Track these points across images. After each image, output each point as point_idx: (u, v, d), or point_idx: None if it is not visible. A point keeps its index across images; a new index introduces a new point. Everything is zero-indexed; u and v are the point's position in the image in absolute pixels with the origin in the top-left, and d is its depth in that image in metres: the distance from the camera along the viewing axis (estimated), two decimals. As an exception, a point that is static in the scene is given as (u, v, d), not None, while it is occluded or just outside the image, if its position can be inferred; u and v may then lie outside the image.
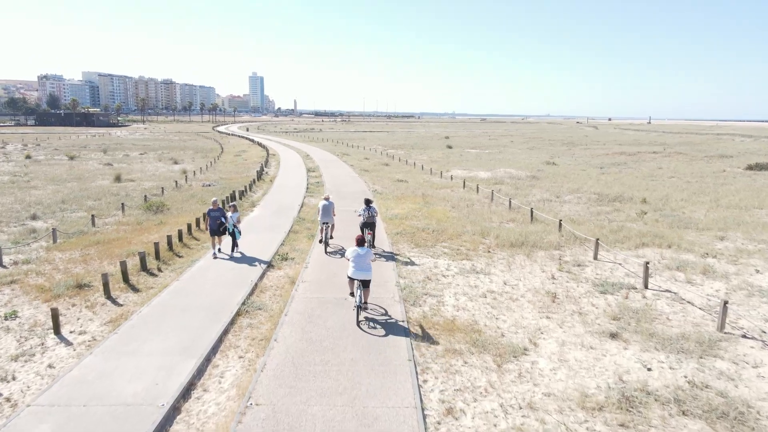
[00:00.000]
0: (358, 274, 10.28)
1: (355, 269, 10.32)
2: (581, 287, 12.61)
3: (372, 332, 9.67)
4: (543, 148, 70.42)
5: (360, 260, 10.34)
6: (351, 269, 10.39)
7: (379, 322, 10.16)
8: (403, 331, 9.73)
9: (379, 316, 10.43)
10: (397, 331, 9.76)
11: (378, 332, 9.66)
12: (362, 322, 10.11)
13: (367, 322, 10.12)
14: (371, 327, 9.92)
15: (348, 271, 10.54)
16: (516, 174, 38.02)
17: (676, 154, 57.67)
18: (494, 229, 18.72)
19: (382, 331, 9.69)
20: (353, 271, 10.33)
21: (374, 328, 9.84)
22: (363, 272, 10.29)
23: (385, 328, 9.84)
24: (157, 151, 60.04)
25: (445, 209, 22.86)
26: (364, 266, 10.31)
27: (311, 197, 26.62)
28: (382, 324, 10.06)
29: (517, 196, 27.24)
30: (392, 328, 9.89)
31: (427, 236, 17.58)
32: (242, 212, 22.06)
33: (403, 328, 9.88)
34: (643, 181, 34.91)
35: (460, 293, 12.10)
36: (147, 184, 32.61)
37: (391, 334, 9.61)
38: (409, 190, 29.25)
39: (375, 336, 9.50)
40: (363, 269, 10.30)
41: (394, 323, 10.11)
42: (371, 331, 9.74)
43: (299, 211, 22.45)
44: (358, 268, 10.31)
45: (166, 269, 13.78)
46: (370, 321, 10.20)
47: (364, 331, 9.71)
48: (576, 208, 24.27)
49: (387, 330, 9.77)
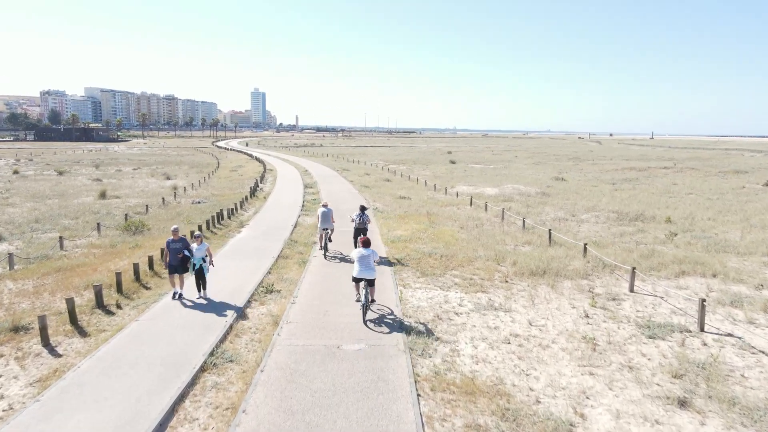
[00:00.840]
0: (363, 274, 10.72)
1: (360, 269, 10.75)
2: (623, 329, 10.45)
3: (372, 397, 7.51)
4: (549, 163, 68.53)
5: (365, 261, 10.79)
6: (356, 270, 10.80)
7: (381, 383, 8.00)
8: (410, 399, 7.55)
9: (380, 376, 8.26)
10: (403, 396, 7.59)
11: (379, 399, 7.49)
12: (369, 321, 10.50)
13: (367, 383, 7.96)
14: (370, 389, 7.76)
15: (353, 271, 10.91)
16: (525, 190, 35.98)
17: (687, 169, 55.66)
18: (509, 253, 16.61)
19: (384, 398, 7.53)
20: (359, 271, 10.75)
21: (374, 393, 7.68)
22: (368, 272, 10.73)
23: (387, 394, 7.67)
24: (151, 167, 58.22)
25: (453, 230, 20.75)
26: (368, 266, 10.76)
27: (306, 216, 24.55)
28: (385, 387, 7.89)
29: (530, 214, 25.16)
30: (396, 391, 7.72)
31: (435, 263, 15.44)
32: (229, 233, 19.97)
33: (409, 393, 7.71)
34: (661, 197, 32.85)
35: (478, 338, 9.94)
36: (133, 200, 30.63)
37: (394, 401, 7.44)
38: (413, 207, 27.19)
39: (375, 403, 7.34)
40: (368, 269, 10.75)
41: (399, 385, 7.95)
42: (370, 396, 7.58)
43: (292, 231, 20.34)
44: (363, 268, 10.76)
45: (128, 305, 11.64)
46: (369, 381, 8.04)
47: (361, 392, 7.56)
48: (595, 228, 22.17)
49: (390, 396, 7.61)
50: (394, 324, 10.43)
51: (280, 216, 23.95)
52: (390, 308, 11.41)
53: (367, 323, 10.41)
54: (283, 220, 22.66)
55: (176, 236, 11.93)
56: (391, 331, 10.07)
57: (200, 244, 11.94)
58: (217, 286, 12.75)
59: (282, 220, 22.88)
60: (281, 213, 24.81)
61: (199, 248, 11.83)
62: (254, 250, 16.92)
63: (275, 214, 24.63)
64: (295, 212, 25.08)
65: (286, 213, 24.79)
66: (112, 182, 41.73)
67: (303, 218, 23.75)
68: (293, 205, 27.54)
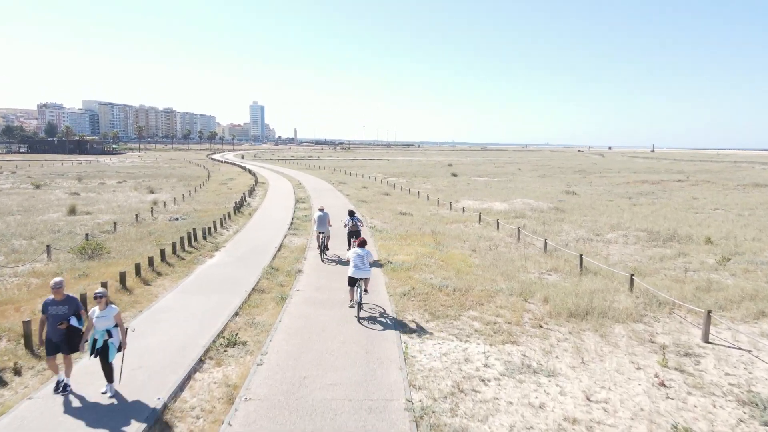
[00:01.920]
0: (358, 273, 10.91)
1: (355, 269, 10.93)
2: (721, 408, 7.41)
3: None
4: (555, 176, 65.77)
5: (360, 260, 10.95)
6: (351, 269, 10.98)
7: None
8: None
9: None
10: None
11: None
12: (362, 319, 10.53)
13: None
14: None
15: (348, 271, 11.09)
16: (536, 205, 33.03)
17: (702, 182, 52.83)
18: (535, 284, 13.60)
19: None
20: (354, 271, 10.93)
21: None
22: (363, 271, 10.93)
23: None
24: (138, 179, 55.27)
25: (464, 254, 17.74)
26: (363, 266, 10.95)
27: (294, 236, 21.49)
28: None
29: (548, 233, 22.20)
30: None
31: (447, 299, 12.40)
32: (198, 259, 16.89)
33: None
34: (686, 213, 29.93)
35: (519, 426, 6.89)
36: (105, 217, 27.60)
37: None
38: (415, 225, 24.19)
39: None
40: (363, 269, 10.96)
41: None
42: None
43: (275, 256, 17.29)
44: (358, 267, 10.94)
45: (28, 372, 8.52)
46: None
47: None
48: (627, 250, 19.19)
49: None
50: (397, 410, 7.32)
51: (264, 236, 20.91)
52: (392, 380, 8.24)
53: (361, 321, 10.62)
54: (266, 242, 19.62)
55: (59, 294, 7.58)
56: (390, 416, 7.00)
57: (104, 308, 7.52)
58: (161, 337, 9.67)
59: (265, 241, 19.84)
60: (265, 232, 21.77)
61: (101, 315, 7.47)
62: (223, 281, 13.85)
63: (259, 233, 21.60)
64: (281, 231, 22.04)
65: (271, 232, 21.75)
66: (90, 196, 38.73)
67: (290, 239, 20.70)
68: (281, 223, 24.52)
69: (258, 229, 22.87)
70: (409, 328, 10.49)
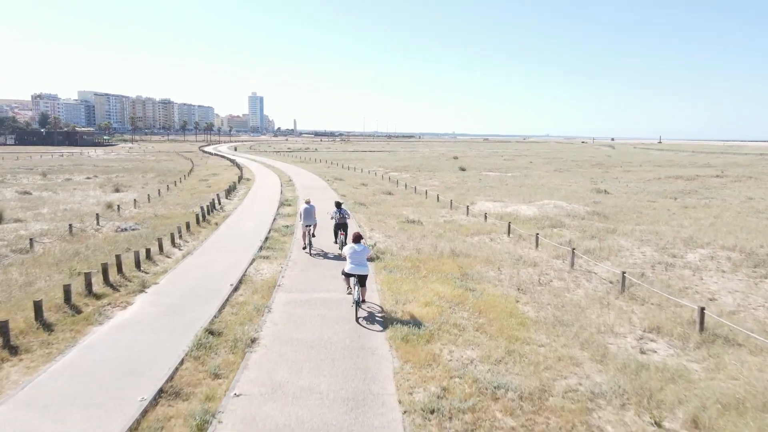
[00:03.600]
0: (355, 270, 10.36)
1: (352, 265, 10.40)
2: None
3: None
4: (573, 170, 60.07)
5: (357, 256, 10.45)
6: (348, 265, 10.48)
7: None
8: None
9: None
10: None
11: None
12: (361, 318, 9.95)
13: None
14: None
15: (345, 267, 10.59)
16: (570, 209, 27.33)
17: (745, 178, 47.04)
18: (646, 370, 8.00)
19: None
20: (351, 267, 10.42)
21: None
22: (360, 268, 10.39)
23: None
24: (110, 174, 49.62)
25: (507, 296, 12.04)
26: (360, 262, 10.42)
27: (266, 259, 15.70)
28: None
29: (603, 252, 16.66)
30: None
31: (511, 421, 6.72)
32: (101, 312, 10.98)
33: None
34: (757, 219, 24.32)
35: None
36: (37, 226, 21.97)
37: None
38: (428, 240, 18.48)
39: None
40: (360, 265, 10.40)
41: None
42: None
43: (224, 303, 11.38)
44: (354, 263, 10.39)
45: None
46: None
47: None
48: (729, 282, 13.63)
49: None
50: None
51: (223, 261, 15.17)
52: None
53: (359, 320, 9.84)
54: (221, 273, 13.86)
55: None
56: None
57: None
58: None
59: (220, 270, 14.09)
60: (226, 255, 16.01)
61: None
62: (117, 368, 8.12)
63: (217, 257, 15.87)
64: (248, 252, 16.32)
65: (233, 255, 15.99)
66: (42, 196, 33.11)
67: (258, 266, 14.90)
68: (252, 238, 18.80)
69: (219, 248, 17.16)
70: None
